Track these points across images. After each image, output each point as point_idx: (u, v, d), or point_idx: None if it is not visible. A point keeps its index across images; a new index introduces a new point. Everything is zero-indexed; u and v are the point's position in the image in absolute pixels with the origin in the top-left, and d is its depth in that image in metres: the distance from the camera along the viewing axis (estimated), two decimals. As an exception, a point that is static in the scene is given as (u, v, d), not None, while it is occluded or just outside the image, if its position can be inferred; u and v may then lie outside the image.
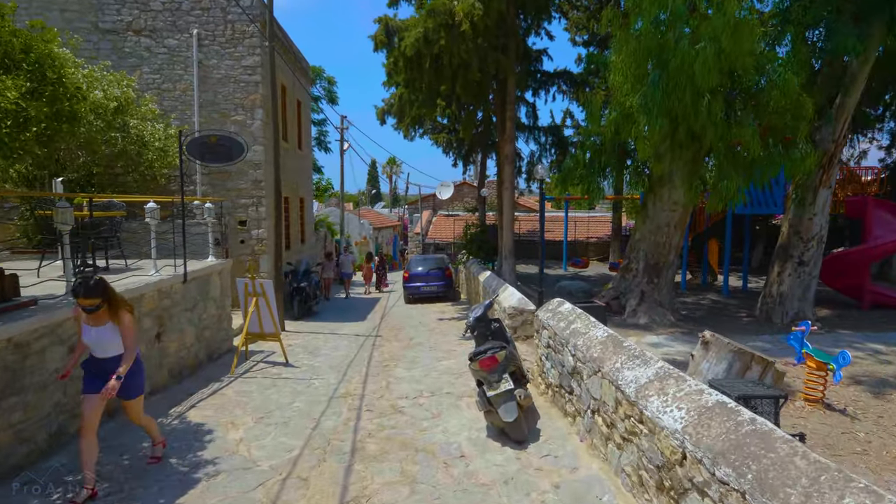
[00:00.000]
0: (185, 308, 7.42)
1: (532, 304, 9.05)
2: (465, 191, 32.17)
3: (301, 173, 17.18)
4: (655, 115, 8.01)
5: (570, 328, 5.71)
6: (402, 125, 14.04)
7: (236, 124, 12.96)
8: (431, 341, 10.70)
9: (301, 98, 17.34)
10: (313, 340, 10.87)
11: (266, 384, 7.35)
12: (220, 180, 13.09)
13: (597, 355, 4.72)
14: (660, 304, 10.37)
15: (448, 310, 15.61)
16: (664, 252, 10.37)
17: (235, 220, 13.18)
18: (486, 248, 16.53)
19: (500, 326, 6.28)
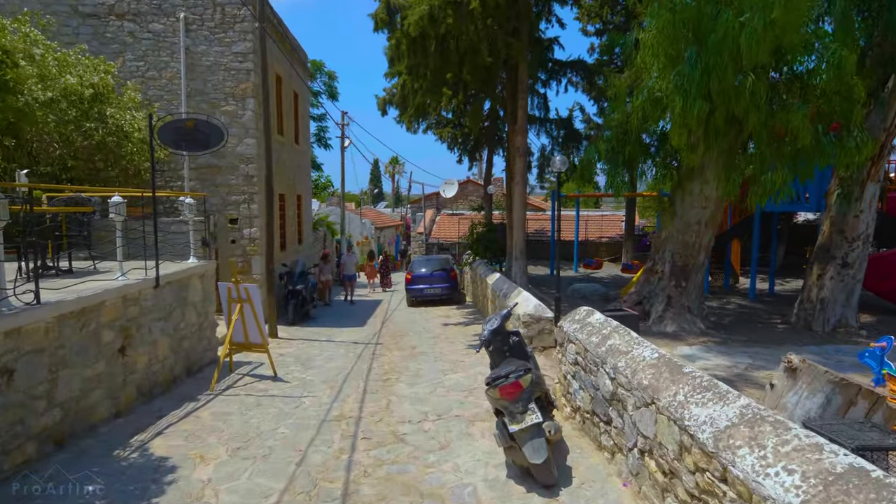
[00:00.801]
0: (157, 316, 6.51)
1: (549, 310, 8.11)
2: (470, 189, 31.22)
3: (298, 169, 16.28)
4: (693, 96, 7.07)
5: (605, 345, 4.77)
6: (404, 117, 13.11)
7: (227, 115, 12.05)
8: (436, 350, 9.77)
9: (298, 90, 16.44)
10: (307, 349, 9.95)
11: (249, 403, 6.43)
12: (210, 175, 12.18)
13: (648, 383, 3.78)
14: (688, 309, 9.42)
15: (453, 314, 14.68)
16: (693, 253, 9.42)
17: (226, 219, 12.28)
18: (493, 249, 15.59)
19: (519, 340, 5.35)
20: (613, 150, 9.24)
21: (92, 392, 5.25)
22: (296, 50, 16.05)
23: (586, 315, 5.70)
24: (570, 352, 5.58)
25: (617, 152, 9.24)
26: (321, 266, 16.15)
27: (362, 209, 36.15)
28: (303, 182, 17.03)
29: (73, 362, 4.96)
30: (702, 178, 9.04)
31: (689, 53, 7.08)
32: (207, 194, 9.74)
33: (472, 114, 11.19)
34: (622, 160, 9.26)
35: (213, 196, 12.20)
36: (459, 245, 24.31)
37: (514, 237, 11.53)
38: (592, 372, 4.90)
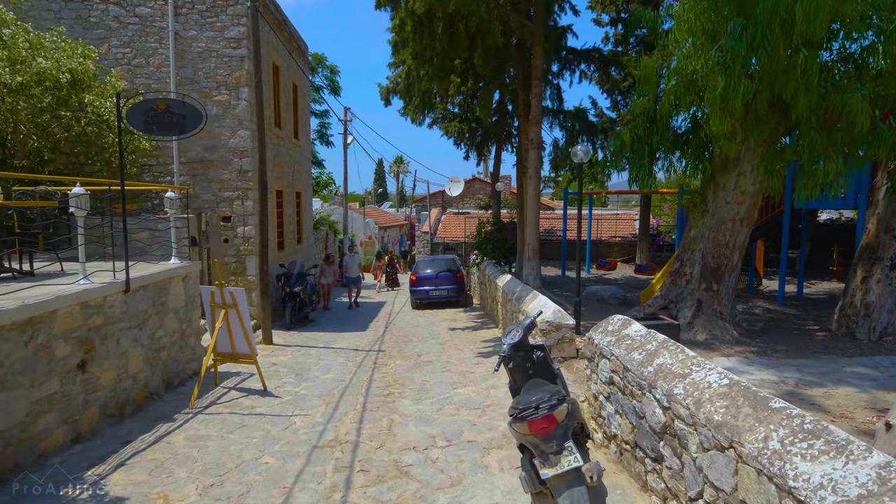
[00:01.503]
0: (128, 325, 5.72)
1: (570, 317, 7.28)
2: (477, 187, 30.39)
3: (297, 165, 15.50)
4: (737, 74, 6.22)
5: (653, 364, 3.94)
6: (409, 108, 12.30)
7: (219, 105, 11.28)
8: (443, 358, 8.96)
9: (298, 82, 15.66)
10: (303, 357, 9.15)
11: (232, 424, 5.63)
12: (201, 170, 11.41)
13: (721, 419, 2.95)
14: (720, 315, 8.56)
15: (460, 317, 13.86)
16: (726, 253, 8.56)
17: (218, 216, 11.50)
18: (502, 249, 14.77)
19: (544, 356, 4.51)
20: (639, 140, 8.40)
21: (42, 416, 4.46)
22: (295, 39, 15.27)
23: (622, 325, 4.87)
24: (604, 369, 4.75)
25: (643, 142, 8.40)
26: (323, 268, 15.05)
27: (365, 208, 35.40)
28: (302, 179, 16.25)
29: (16, 383, 4.17)
30: (737, 170, 8.19)
31: (733, 26, 6.23)
32: (189, 188, 8.93)
33: (482, 102, 10.36)
34: (648, 151, 8.42)
35: (204, 192, 11.44)
36: (466, 245, 23.49)
37: (527, 236, 10.70)
38: (635, 396, 4.07)
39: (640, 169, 8.36)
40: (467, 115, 18.23)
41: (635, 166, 8.40)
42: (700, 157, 8.32)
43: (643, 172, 8.34)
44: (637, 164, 8.38)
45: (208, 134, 11.32)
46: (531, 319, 4.69)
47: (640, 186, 8.54)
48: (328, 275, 15.04)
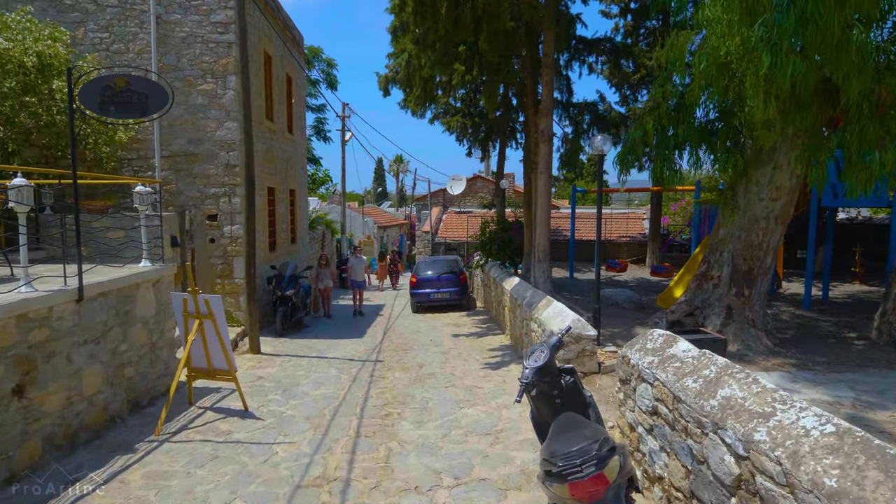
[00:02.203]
0: (82, 339, 4.91)
1: (591, 327, 6.48)
2: (479, 185, 29.54)
3: (291, 161, 14.70)
4: (785, 52, 5.42)
5: (716, 396, 3.14)
6: (409, 99, 11.49)
7: (205, 94, 10.48)
8: (447, 370, 8.16)
9: (292, 74, 14.86)
10: (293, 369, 8.34)
11: (202, 456, 4.83)
12: (185, 165, 10.61)
13: (835, 485, 2.15)
14: (752, 323, 7.76)
15: (463, 322, 13.06)
16: (759, 255, 7.76)
17: (203, 215, 10.69)
18: (507, 249, 13.96)
19: (574, 382, 3.74)
20: (663, 130, 7.60)
21: (-39, 455, 3.66)
22: (289, 29, 14.46)
23: (665, 343, 4.06)
24: (644, 395, 3.95)
25: (667, 133, 7.60)
26: (319, 272, 13.81)
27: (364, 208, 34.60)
28: (297, 175, 15.45)
29: (-77, 417, 3.37)
30: (772, 163, 7.38)
31: None
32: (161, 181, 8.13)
33: (488, 92, 9.54)
34: (673, 143, 7.61)
35: (189, 188, 10.65)
36: (468, 245, 22.68)
37: (537, 236, 9.90)
38: (691, 434, 3.27)
39: (664, 163, 7.55)
40: (470, 109, 17.43)
41: (659, 159, 7.60)
42: (730, 150, 7.51)
43: (668, 167, 7.53)
44: (661, 157, 7.57)
45: (193, 126, 10.54)
46: (558, 337, 3.89)
47: (665, 182, 7.72)
48: (325, 278, 13.82)
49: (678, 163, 7.63)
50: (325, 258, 14.06)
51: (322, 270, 13.78)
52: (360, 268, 14.50)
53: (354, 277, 14.44)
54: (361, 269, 14.46)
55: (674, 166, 7.56)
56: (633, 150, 7.76)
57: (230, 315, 10.84)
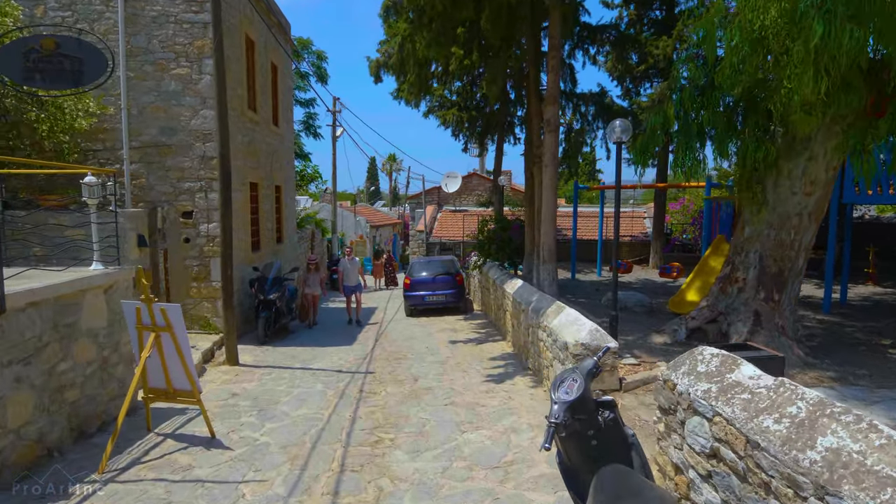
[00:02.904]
0: (5, 360, 4.04)
1: (611, 338, 5.67)
2: (475, 183, 28.69)
3: (277, 155, 13.82)
4: (840, 19, 4.65)
5: (816, 447, 2.34)
6: (403, 87, 10.62)
7: (178, 80, 9.60)
8: (445, 384, 7.35)
9: (277, 62, 13.97)
10: (273, 383, 7.49)
11: (152, 501, 3.97)
12: (158, 156, 9.72)
13: None
14: (782, 330, 7.00)
15: (460, 327, 12.25)
16: (790, 255, 7.00)
17: (177, 211, 9.81)
18: (507, 249, 13.16)
19: (614, 417, 2.93)
20: (685, 116, 6.82)
21: None
22: (274, 13, 13.58)
23: (723, 365, 3.26)
24: (698, 432, 3.15)
25: (690, 119, 6.82)
26: (307, 277, 12.47)
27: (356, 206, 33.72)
28: (283, 170, 14.57)
29: None
30: (807, 153, 6.62)
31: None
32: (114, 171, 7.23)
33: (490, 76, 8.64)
34: (697, 129, 6.82)
35: (161, 183, 9.76)
36: (464, 245, 21.87)
37: (542, 235, 9.10)
38: (777, 494, 2.47)
39: (686, 152, 6.77)
40: (467, 103, 16.62)
41: (681, 148, 6.81)
42: (760, 138, 6.73)
43: (690, 157, 6.74)
44: (683, 146, 6.78)
45: (165, 114, 9.65)
46: (595, 361, 3.07)
47: (687, 174, 6.93)
48: (313, 284, 12.40)
49: (701, 152, 6.83)
50: (316, 263, 12.59)
51: (311, 276, 12.43)
52: (352, 271, 12.85)
53: (347, 282, 12.78)
54: (355, 271, 12.85)
55: (697, 155, 6.77)
56: (653, 139, 6.97)
57: (207, 322, 9.97)
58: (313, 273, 12.29)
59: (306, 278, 12.32)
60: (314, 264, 12.46)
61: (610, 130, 6.27)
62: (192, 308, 9.97)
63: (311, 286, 12.26)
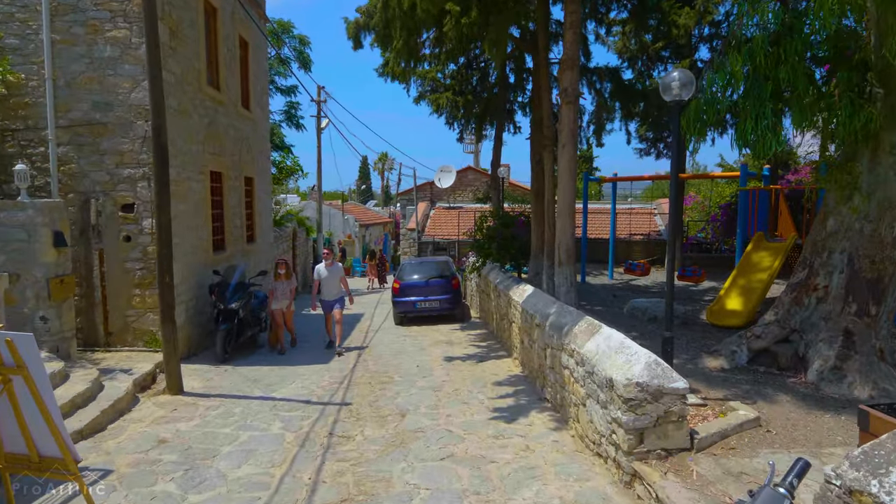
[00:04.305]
0: None
1: (675, 374, 4.01)
2: (471, 177, 26.97)
3: (247, 143, 12.12)
4: None
5: None
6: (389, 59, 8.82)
7: (115, 44, 7.89)
8: (441, 422, 5.70)
9: (248, 37, 12.26)
10: (218, 422, 5.79)
11: None
12: (91, 137, 7.99)
13: None
14: (880, 355, 5.38)
15: (457, 338, 10.59)
16: (892, 256, 5.39)
17: (116, 204, 8.09)
18: (511, 249, 11.51)
19: None
20: (755, 73, 5.19)
21: None
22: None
23: None
24: None
25: (762, 78, 5.18)
26: (274, 287, 9.38)
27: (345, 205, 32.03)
28: (256, 161, 12.85)
29: None
30: (918, 121, 5.02)
31: None
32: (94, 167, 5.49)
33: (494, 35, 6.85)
34: (771, 91, 5.18)
35: (95, 169, 8.05)
36: (460, 244, 20.21)
37: (558, 232, 7.45)
38: None
39: (758, 121, 5.13)
40: (462, 87, 14.98)
41: (749, 116, 5.16)
42: (855, 101, 5.11)
43: (764, 126, 5.10)
44: (754, 113, 5.14)
45: (99, 85, 7.94)
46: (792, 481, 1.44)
47: (757, 150, 5.30)
48: (282, 297, 9.27)
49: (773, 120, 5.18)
50: (286, 265, 9.49)
51: (278, 285, 9.34)
52: (333, 280, 9.38)
53: (325, 296, 9.38)
54: (336, 280, 9.40)
55: (768, 125, 5.13)
56: (712, 106, 5.33)
57: (154, 337, 8.25)
58: (282, 281, 9.34)
59: (275, 288, 9.38)
60: (283, 265, 9.49)
61: (665, 85, 4.63)
62: (134, 321, 8.26)
63: (279, 299, 9.27)
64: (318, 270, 9.46)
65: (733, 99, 5.31)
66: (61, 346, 6.82)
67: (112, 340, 8.27)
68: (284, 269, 9.46)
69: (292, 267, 9.93)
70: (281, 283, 9.37)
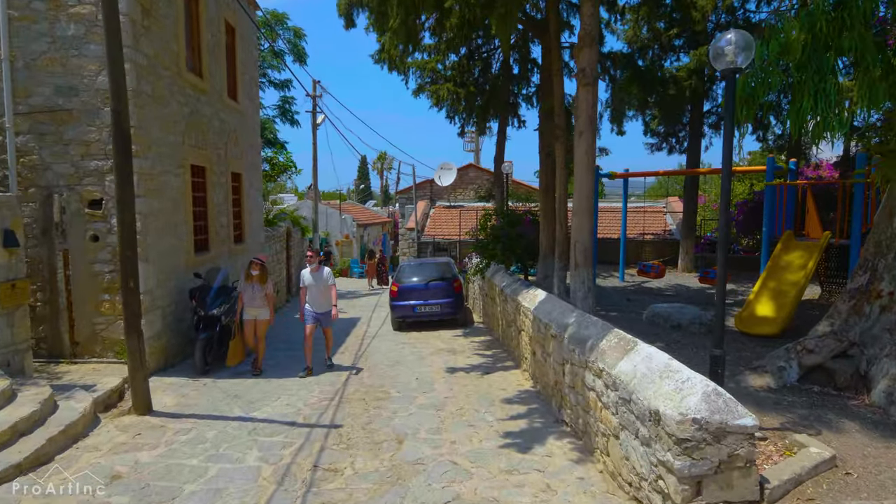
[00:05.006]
0: None
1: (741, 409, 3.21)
2: (472, 175, 26.09)
3: (234, 136, 11.31)
4: None
5: None
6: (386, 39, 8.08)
7: (79, 21, 7.10)
8: (445, 450, 4.91)
9: (234, 22, 11.46)
10: (185, 450, 4.99)
11: None
12: (54, 126, 7.20)
13: None
14: (958, 373, 4.58)
15: (460, 345, 9.80)
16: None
17: (82, 199, 7.30)
18: (518, 249, 10.71)
19: None
20: (815, 42, 4.39)
21: None
22: (229, -39, 11.06)
23: None
24: None
25: (822, 48, 4.39)
26: (245, 290, 7.86)
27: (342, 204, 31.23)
28: (244, 156, 12.05)
29: None
30: None
31: None
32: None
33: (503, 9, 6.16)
34: (830, 63, 4.39)
35: (58, 161, 7.26)
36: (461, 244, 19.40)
37: (574, 230, 6.65)
38: None
39: (817, 99, 4.33)
40: (464, 78, 14.21)
41: (806, 91, 4.37)
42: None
43: (824, 104, 4.30)
44: (813, 89, 4.34)
45: (62, 68, 7.16)
46: None
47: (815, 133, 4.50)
48: (254, 303, 7.80)
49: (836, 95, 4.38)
50: (260, 265, 7.87)
51: (249, 288, 7.81)
52: (319, 287, 7.90)
53: (311, 305, 7.94)
54: (325, 289, 7.95)
55: (830, 102, 4.33)
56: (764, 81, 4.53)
57: (123, 347, 7.43)
58: (253, 283, 7.79)
59: (247, 293, 7.83)
60: (257, 265, 7.85)
61: (716, 51, 3.82)
62: (103, 329, 7.48)
63: (253, 306, 7.80)
64: (303, 276, 8.02)
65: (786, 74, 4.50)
66: (13, 359, 6.02)
67: (79, 351, 7.48)
68: (259, 269, 7.83)
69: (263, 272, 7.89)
70: (252, 286, 7.79)
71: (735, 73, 3.87)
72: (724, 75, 3.91)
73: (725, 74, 3.89)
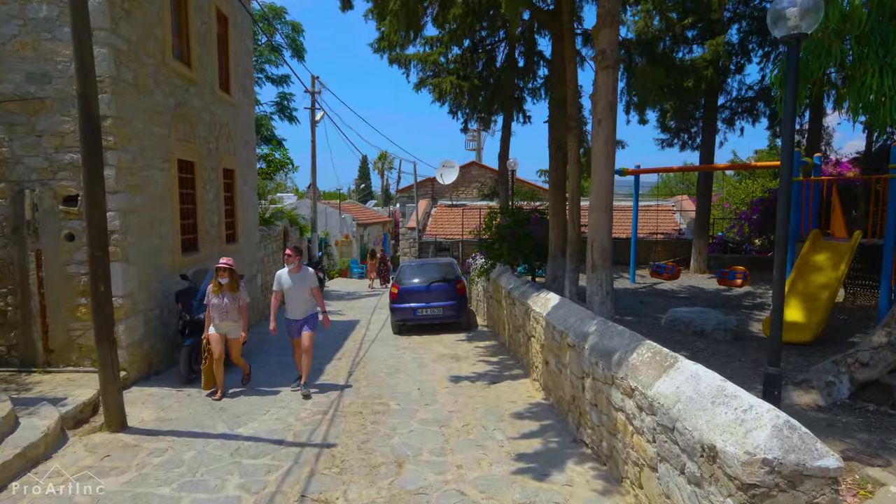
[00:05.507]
0: None
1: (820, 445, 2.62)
2: (475, 173, 25.44)
3: (226, 130, 10.74)
4: None
5: None
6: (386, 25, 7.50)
7: (53, 2, 6.53)
8: (450, 477, 4.35)
9: (227, 11, 10.89)
10: (157, 475, 4.42)
11: None
12: (25, 116, 6.64)
13: None
14: None
15: (464, 351, 9.23)
16: None
17: (56, 196, 6.74)
18: (525, 249, 10.12)
19: None
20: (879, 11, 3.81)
21: None
22: (220, -54, 10.49)
23: None
24: None
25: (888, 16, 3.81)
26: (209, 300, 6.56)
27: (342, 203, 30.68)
28: (238, 152, 11.48)
29: None
30: None
31: None
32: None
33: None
34: None
35: (30, 154, 6.69)
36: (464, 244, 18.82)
37: (591, 228, 6.07)
38: None
39: (882, 76, 3.75)
40: (467, 71, 13.62)
41: (869, 70, 3.79)
42: None
43: (892, 82, 3.72)
44: (874, 66, 3.76)
45: (34, 53, 6.59)
46: None
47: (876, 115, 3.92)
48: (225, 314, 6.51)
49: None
50: (229, 272, 6.52)
51: (217, 299, 6.53)
52: (299, 291, 6.75)
53: (290, 313, 6.87)
54: (305, 292, 6.78)
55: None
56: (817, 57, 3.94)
57: (102, 354, 6.85)
58: (222, 294, 6.52)
59: (208, 301, 6.57)
60: (225, 272, 6.48)
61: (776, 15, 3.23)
62: (79, 335, 6.91)
63: (222, 320, 6.54)
64: (279, 277, 6.77)
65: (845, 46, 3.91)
66: (-27, 371, 5.46)
67: (53, 359, 6.91)
68: (227, 276, 6.47)
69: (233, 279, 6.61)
70: (220, 296, 6.49)
71: (799, 39, 3.29)
72: (785, 42, 3.33)
73: (787, 41, 3.30)
